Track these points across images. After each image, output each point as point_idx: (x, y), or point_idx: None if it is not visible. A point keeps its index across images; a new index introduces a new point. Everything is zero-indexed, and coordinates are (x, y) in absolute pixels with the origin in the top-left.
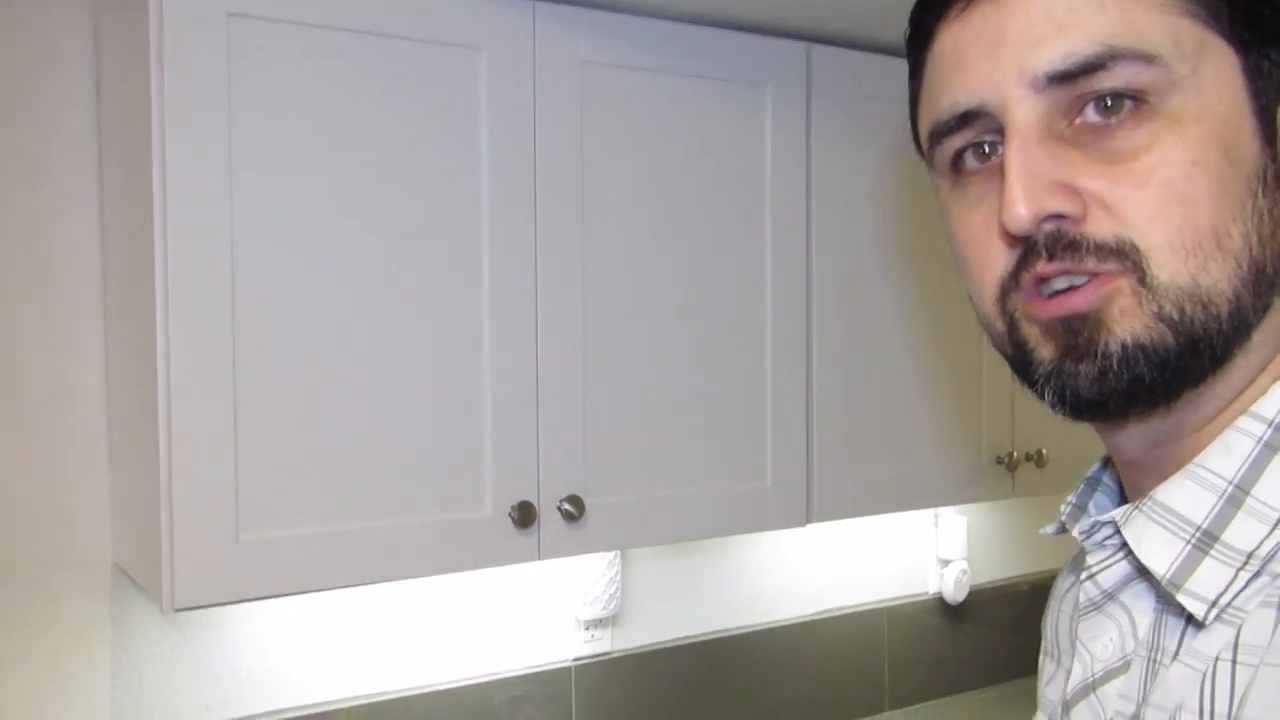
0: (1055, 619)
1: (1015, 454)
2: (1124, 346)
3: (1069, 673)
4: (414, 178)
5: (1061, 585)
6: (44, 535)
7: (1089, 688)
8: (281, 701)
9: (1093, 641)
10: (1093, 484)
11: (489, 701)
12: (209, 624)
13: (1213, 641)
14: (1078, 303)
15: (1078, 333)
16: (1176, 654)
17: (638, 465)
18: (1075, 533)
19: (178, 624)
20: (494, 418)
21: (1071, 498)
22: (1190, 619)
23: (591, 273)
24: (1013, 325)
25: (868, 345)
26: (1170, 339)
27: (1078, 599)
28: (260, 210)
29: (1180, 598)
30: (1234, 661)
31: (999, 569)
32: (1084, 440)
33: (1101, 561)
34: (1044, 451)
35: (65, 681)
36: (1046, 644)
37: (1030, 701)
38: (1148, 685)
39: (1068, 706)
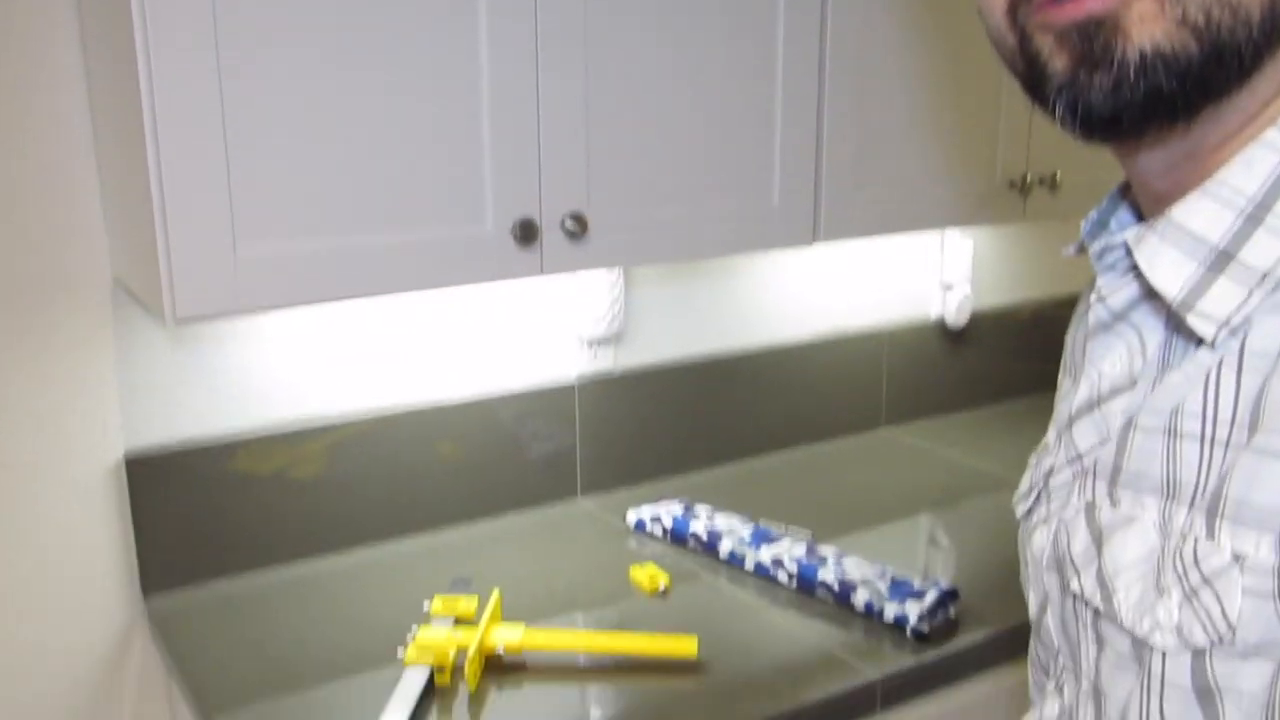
0: (1073, 336)
1: (1029, 177)
2: (1142, 54)
3: (1077, 389)
4: None
5: (1082, 303)
6: (39, 253)
7: (1094, 404)
8: (288, 414)
9: (1101, 360)
10: (1115, 201)
11: (495, 416)
12: (213, 338)
13: (1217, 352)
14: (1094, 6)
15: (1093, 39)
16: (1175, 367)
17: (642, 182)
18: (1091, 253)
19: (183, 339)
20: (493, 132)
21: (1094, 213)
22: (1199, 344)
23: None
24: (1024, 38)
25: (882, 62)
26: (1194, 46)
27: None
28: None
29: (1190, 320)
30: (1239, 367)
31: (1002, 294)
32: (1099, 164)
33: (1112, 285)
34: (1058, 175)
35: (74, 398)
36: (1065, 360)
37: (1026, 422)
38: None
39: (1071, 421)
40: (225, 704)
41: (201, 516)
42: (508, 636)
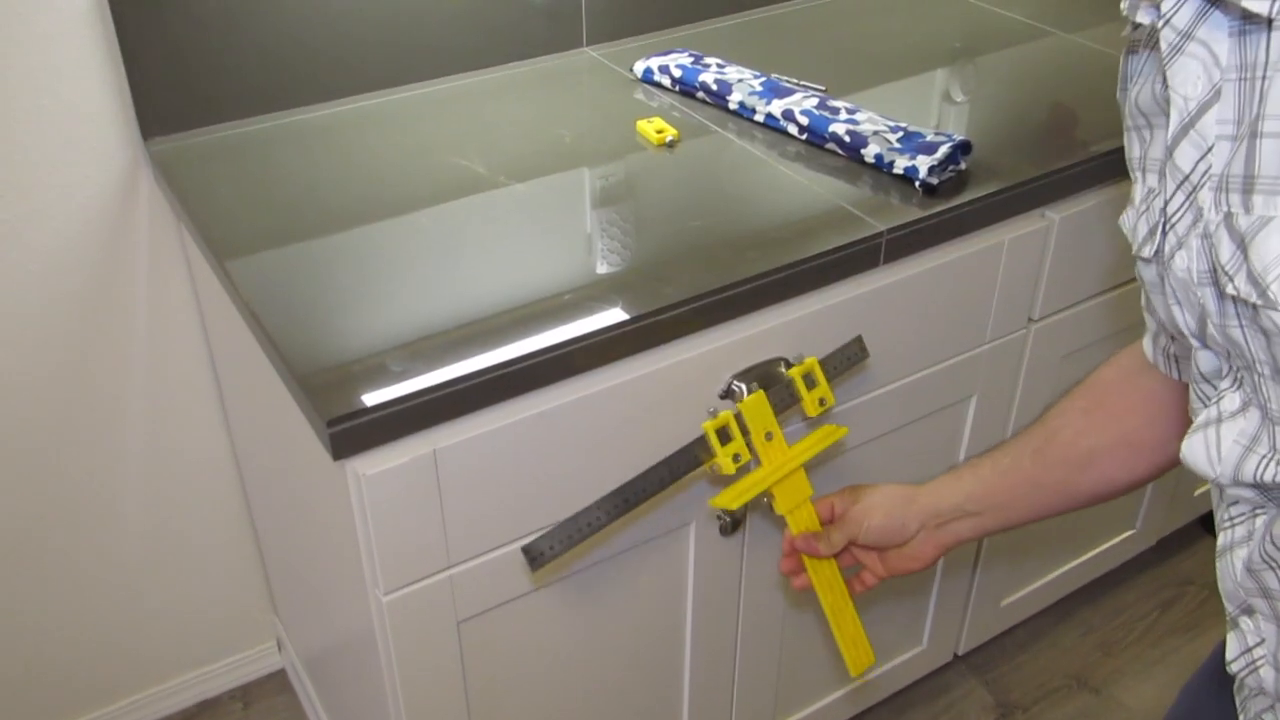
0: (1133, 93)
1: None
2: None
3: (1168, 123)
4: None
5: (1131, 65)
6: None
7: (1187, 127)
8: None
9: (1182, 85)
10: None
11: None
12: None
13: None
14: None
15: None
16: (1269, 62)
17: None
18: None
19: None
20: None
21: None
22: (1271, 25)
23: None
24: None
25: None
26: None
27: (1160, 51)
28: None
29: (1245, 1)
30: None
31: None
32: None
33: (1173, 6)
34: None
35: None
36: (1128, 120)
37: None
38: (1245, 104)
39: (1169, 153)
40: (238, 250)
41: (193, 56)
42: None
